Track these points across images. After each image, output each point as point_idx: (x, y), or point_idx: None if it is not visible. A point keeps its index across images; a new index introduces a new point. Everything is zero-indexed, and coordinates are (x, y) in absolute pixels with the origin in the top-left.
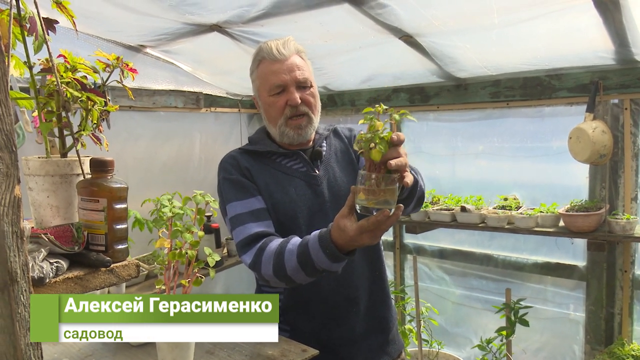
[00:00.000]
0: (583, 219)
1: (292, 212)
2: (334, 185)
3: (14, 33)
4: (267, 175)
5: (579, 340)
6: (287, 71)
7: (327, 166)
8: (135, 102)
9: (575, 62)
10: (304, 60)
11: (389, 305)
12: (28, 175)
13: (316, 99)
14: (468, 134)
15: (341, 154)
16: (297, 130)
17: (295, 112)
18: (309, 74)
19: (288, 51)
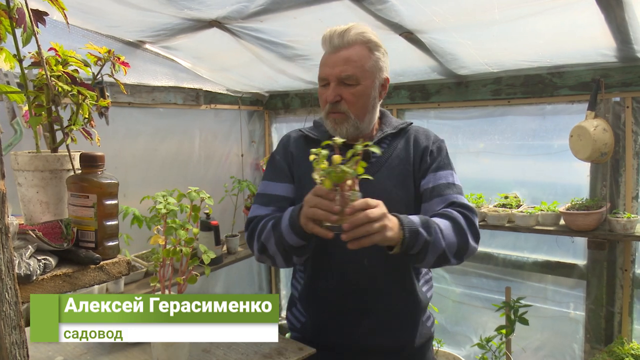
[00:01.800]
0: (584, 218)
1: None
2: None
3: (3, 25)
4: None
5: (579, 339)
6: (332, 64)
7: (378, 167)
8: (135, 98)
9: (577, 59)
10: (367, 52)
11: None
12: (17, 171)
13: (361, 98)
14: (469, 132)
15: (399, 161)
16: (334, 125)
17: (332, 109)
18: (358, 70)
19: (341, 42)
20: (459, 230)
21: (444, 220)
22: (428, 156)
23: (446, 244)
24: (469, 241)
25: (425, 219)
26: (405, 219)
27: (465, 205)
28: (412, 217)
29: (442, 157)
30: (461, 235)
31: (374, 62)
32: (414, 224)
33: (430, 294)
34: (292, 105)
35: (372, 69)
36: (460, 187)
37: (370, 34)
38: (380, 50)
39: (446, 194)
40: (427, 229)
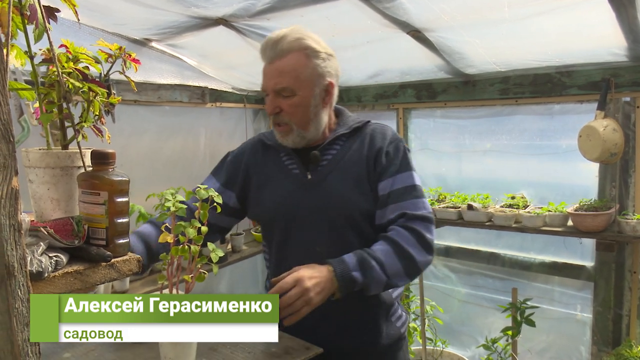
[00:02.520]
0: (592, 219)
1: (269, 213)
2: (326, 192)
3: (15, 21)
4: (267, 171)
5: (586, 341)
6: (268, 76)
7: (327, 171)
8: (140, 96)
9: (586, 58)
10: (305, 60)
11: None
12: (28, 167)
13: (299, 108)
14: (476, 131)
15: (352, 163)
16: (280, 137)
17: (275, 120)
18: (293, 81)
19: (274, 52)
20: (402, 254)
21: (387, 246)
22: (383, 157)
23: (389, 274)
24: (415, 260)
25: (362, 258)
26: (338, 267)
27: (416, 216)
28: (348, 261)
29: (399, 158)
30: (405, 257)
31: (312, 69)
32: (348, 271)
33: (398, 292)
34: None
35: (309, 78)
36: (419, 187)
37: (308, 39)
38: (321, 56)
39: (401, 200)
40: (363, 270)
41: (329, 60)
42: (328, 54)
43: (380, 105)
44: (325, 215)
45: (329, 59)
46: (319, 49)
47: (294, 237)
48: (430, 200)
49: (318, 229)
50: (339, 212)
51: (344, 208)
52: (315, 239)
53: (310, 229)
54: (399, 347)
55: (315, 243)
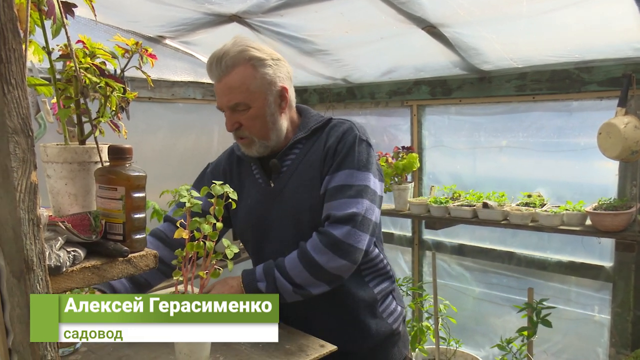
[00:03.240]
0: (612, 218)
1: (242, 223)
2: (288, 200)
3: (32, 17)
4: (239, 181)
5: (604, 343)
6: (220, 94)
7: (287, 178)
8: (154, 93)
9: (607, 53)
10: (251, 71)
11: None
12: (46, 162)
13: (257, 120)
14: (491, 129)
15: (309, 165)
16: (245, 149)
17: (236, 135)
18: (244, 95)
19: (220, 70)
20: (307, 262)
21: (295, 254)
22: (332, 157)
23: (296, 282)
24: (321, 267)
25: (268, 268)
26: (246, 278)
27: (338, 217)
28: (256, 271)
29: (344, 154)
30: (311, 265)
31: (261, 79)
32: (254, 282)
33: (382, 287)
34: (311, 100)
35: (260, 88)
36: (359, 186)
37: (251, 50)
38: (267, 63)
39: (331, 200)
40: (267, 280)
41: (277, 66)
42: (275, 59)
43: (394, 102)
44: (290, 222)
45: (277, 64)
46: (264, 56)
47: (266, 245)
48: (444, 198)
49: (286, 236)
50: (301, 217)
51: (304, 213)
52: (285, 245)
53: (279, 237)
54: (392, 342)
55: (286, 250)
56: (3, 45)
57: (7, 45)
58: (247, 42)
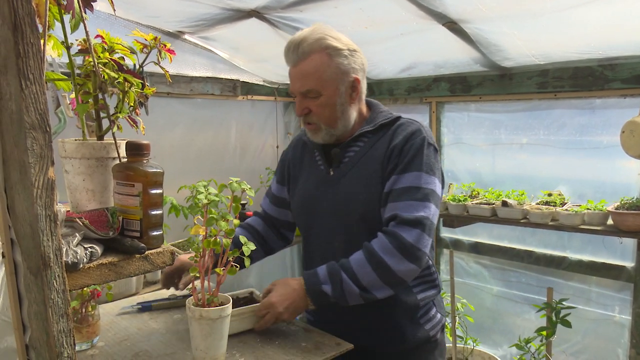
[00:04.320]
0: (634, 218)
1: (295, 207)
2: (343, 190)
3: (51, 12)
4: (302, 165)
5: (624, 344)
6: (293, 79)
7: (348, 168)
8: (173, 88)
9: (631, 50)
10: (327, 59)
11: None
12: (64, 158)
13: (326, 108)
14: (512, 126)
15: (372, 160)
16: (311, 135)
17: (305, 120)
18: (316, 82)
19: (296, 56)
20: (376, 263)
21: (362, 256)
22: (397, 156)
23: (363, 285)
24: (391, 269)
25: (333, 271)
26: (309, 280)
27: (406, 219)
28: (319, 274)
29: (411, 156)
30: (380, 267)
31: (335, 68)
32: (318, 284)
33: (426, 295)
34: None
35: (333, 77)
36: (425, 189)
37: (329, 38)
38: (343, 53)
39: (398, 200)
40: (333, 283)
41: (353, 57)
42: (351, 50)
43: (412, 98)
44: (342, 212)
45: (353, 55)
46: (341, 46)
47: (315, 231)
48: (462, 196)
49: (334, 224)
50: (354, 210)
51: (358, 206)
52: (333, 234)
53: (328, 224)
54: (429, 349)
55: (333, 238)
56: (21, 40)
57: (25, 39)
58: (326, 30)
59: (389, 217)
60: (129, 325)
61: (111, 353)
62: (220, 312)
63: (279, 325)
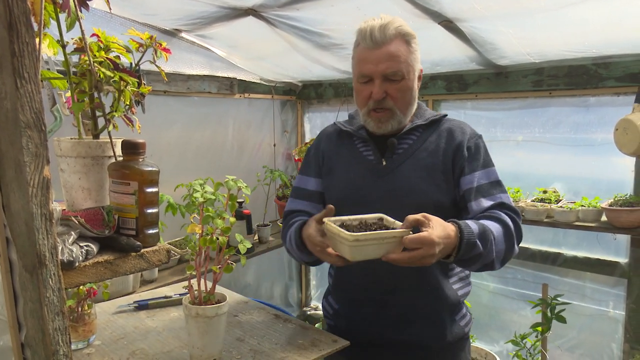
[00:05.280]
0: (627, 214)
1: (340, 196)
2: (399, 180)
3: (47, 10)
4: (340, 156)
5: (618, 339)
6: (375, 61)
7: (402, 160)
8: (170, 87)
9: (625, 49)
10: (406, 46)
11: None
12: (60, 157)
13: (406, 93)
14: (508, 124)
15: (427, 154)
16: (378, 123)
17: (377, 106)
18: (402, 65)
19: (383, 37)
20: (508, 237)
21: (498, 225)
22: (465, 152)
23: (496, 253)
24: (514, 248)
25: (484, 229)
26: (466, 230)
27: (513, 208)
28: (472, 226)
29: (482, 153)
30: (510, 242)
31: (413, 55)
32: (473, 237)
33: (464, 292)
34: (326, 95)
35: (412, 63)
36: (503, 183)
37: (406, 26)
38: (415, 42)
39: (493, 193)
40: (483, 240)
41: (418, 47)
42: (417, 41)
43: None
44: (396, 202)
45: (418, 46)
46: (415, 35)
47: None
48: None
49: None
50: (410, 200)
51: (415, 196)
52: None
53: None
54: (462, 346)
55: None
56: (16, 39)
57: (20, 38)
58: (400, 19)
59: (494, 205)
60: (125, 324)
61: (108, 351)
62: (217, 310)
63: (275, 323)
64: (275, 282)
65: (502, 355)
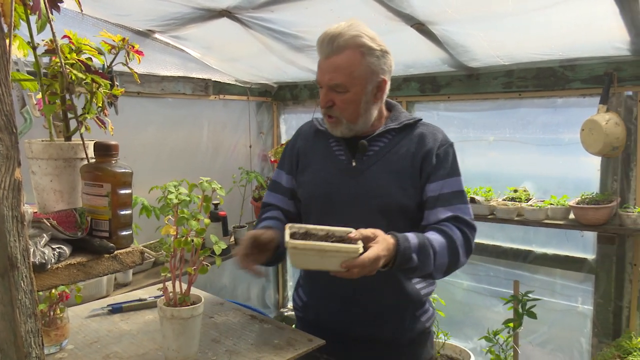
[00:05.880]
0: (594, 212)
1: (307, 196)
2: (368, 182)
3: (17, 12)
4: (315, 154)
5: (587, 333)
6: (323, 71)
7: (372, 161)
8: (144, 88)
9: (590, 52)
10: (359, 57)
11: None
12: (31, 159)
13: (351, 105)
14: (479, 125)
15: (397, 157)
16: (331, 127)
17: (326, 112)
18: (346, 78)
19: (331, 48)
20: (452, 251)
21: (443, 240)
22: (433, 159)
23: (436, 265)
24: (459, 261)
25: (423, 244)
26: (403, 244)
27: (467, 222)
28: (411, 241)
29: (450, 162)
30: (454, 256)
31: (366, 67)
32: (409, 251)
33: (428, 291)
34: (301, 96)
35: (362, 75)
36: (465, 193)
37: (365, 37)
38: (375, 54)
39: (452, 204)
40: (421, 254)
41: (384, 58)
42: (383, 51)
43: None
44: (363, 203)
45: (384, 56)
46: (375, 46)
47: (329, 220)
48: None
49: (353, 214)
50: (377, 202)
51: (381, 198)
52: (349, 224)
53: (346, 214)
54: (424, 340)
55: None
56: None
57: None
58: (362, 28)
59: (448, 217)
60: (99, 328)
61: (81, 356)
62: (192, 312)
63: (252, 324)
64: (252, 283)
65: (476, 352)
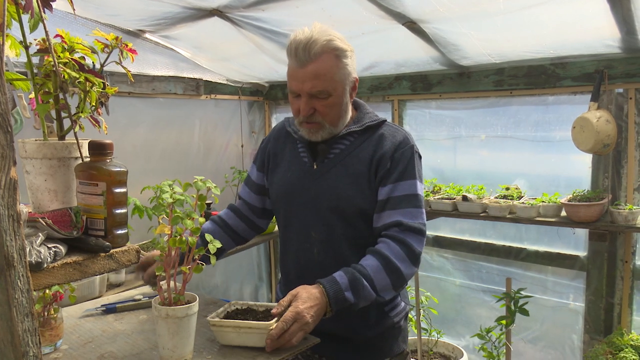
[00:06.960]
0: (585, 209)
1: (275, 196)
2: (326, 185)
3: (9, 11)
4: (284, 154)
5: (578, 329)
6: (301, 80)
7: (333, 164)
8: (135, 88)
9: (581, 50)
10: (335, 61)
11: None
12: (25, 159)
13: (334, 108)
14: (471, 123)
15: (357, 160)
16: (309, 133)
17: (307, 120)
18: (328, 83)
19: (307, 56)
20: (391, 269)
21: (377, 262)
22: (389, 162)
23: (378, 290)
24: (402, 275)
25: (354, 278)
26: (331, 288)
27: (410, 227)
28: (340, 281)
29: (404, 165)
30: (393, 272)
31: (343, 69)
32: (340, 292)
33: None
34: None
35: (341, 78)
36: (420, 196)
37: (336, 40)
38: (347, 55)
39: (398, 208)
40: (354, 290)
41: (352, 57)
42: (351, 50)
43: (375, 97)
44: (321, 205)
45: (352, 56)
46: (346, 47)
47: (293, 220)
48: (425, 192)
49: (313, 216)
50: (334, 204)
51: (338, 201)
52: (311, 225)
53: (307, 215)
54: (392, 335)
55: (311, 229)
56: None
57: None
58: (330, 31)
59: (392, 223)
60: (93, 328)
61: (75, 356)
62: (187, 311)
63: None
64: (244, 282)
65: (469, 349)
